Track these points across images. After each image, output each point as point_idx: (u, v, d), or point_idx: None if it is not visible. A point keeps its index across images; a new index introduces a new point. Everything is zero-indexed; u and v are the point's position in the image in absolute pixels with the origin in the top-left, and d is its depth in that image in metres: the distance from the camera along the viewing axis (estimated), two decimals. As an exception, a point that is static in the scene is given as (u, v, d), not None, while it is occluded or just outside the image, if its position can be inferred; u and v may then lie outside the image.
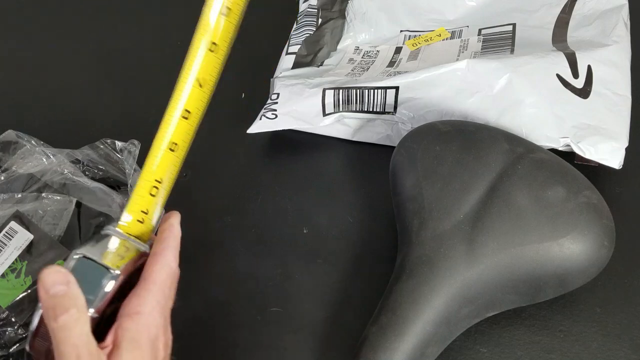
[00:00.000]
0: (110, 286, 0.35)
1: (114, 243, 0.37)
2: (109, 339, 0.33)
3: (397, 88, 0.54)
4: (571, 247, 0.41)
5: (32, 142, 0.53)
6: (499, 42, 0.58)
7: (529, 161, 0.44)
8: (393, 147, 0.50)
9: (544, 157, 0.45)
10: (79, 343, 0.31)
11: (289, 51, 0.63)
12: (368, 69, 0.60)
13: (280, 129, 0.57)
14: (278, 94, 0.57)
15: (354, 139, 0.59)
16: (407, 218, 0.46)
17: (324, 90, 0.55)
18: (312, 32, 0.64)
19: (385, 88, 0.55)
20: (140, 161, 0.54)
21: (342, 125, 0.58)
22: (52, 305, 0.32)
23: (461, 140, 0.46)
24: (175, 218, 0.39)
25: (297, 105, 0.56)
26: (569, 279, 0.43)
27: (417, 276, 0.43)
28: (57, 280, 0.32)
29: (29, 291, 0.46)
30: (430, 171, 0.46)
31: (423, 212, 0.45)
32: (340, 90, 0.55)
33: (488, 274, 0.42)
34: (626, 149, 0.50)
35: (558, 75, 0.52)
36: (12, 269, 0.46)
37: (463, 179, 0.45)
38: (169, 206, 0.55)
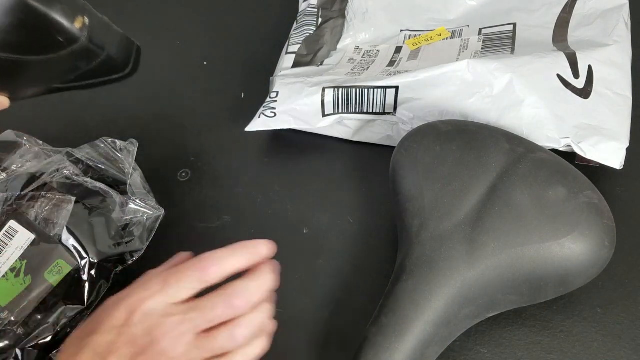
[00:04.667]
0: None
1: None
2: None
3: (397, 88, 0.54)
4: (572, 248, 0.41)
5: (32, 141, 0.53)
6: (500, 41, 0.58)
7: (530, 161, 0.44)
8: (393, 148, 0.50)
9: (544, 157, 0.45)
10: None
11: (289, 50, 0.63)
12: (368, 68, 0.60)
13: (279, 128, 0.57)
14: (277, 92, 0.57)
15: (354, 139, 0.59)
16: (407, 218, 0.46)
17: (323, 89, 0.55)
18: (312, 32, 0.64)
19: (385, 87, 0.55)
20: (139, 160, 0.54)
21: (342, 126, 0.58)
22: None
23: (462, 140, 0.46)
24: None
25: (297, 103, 0.56)
26: (569, 280, 0.43)
27: (418, 276, 0.43)
28: None
29: (29, 290, 0.45)
30: (430, 171, 0.46)
31: (423, 212, 0.45)
32: (340, 89, 0.55)
33: (489, 275, 0.42)
34: (627, 149, 0.50)
35: (559, 76, 0.52)
36: (11, 268, 0.46)
37: (463, 179, 0.45)
38: (169, 206, 0.55)
